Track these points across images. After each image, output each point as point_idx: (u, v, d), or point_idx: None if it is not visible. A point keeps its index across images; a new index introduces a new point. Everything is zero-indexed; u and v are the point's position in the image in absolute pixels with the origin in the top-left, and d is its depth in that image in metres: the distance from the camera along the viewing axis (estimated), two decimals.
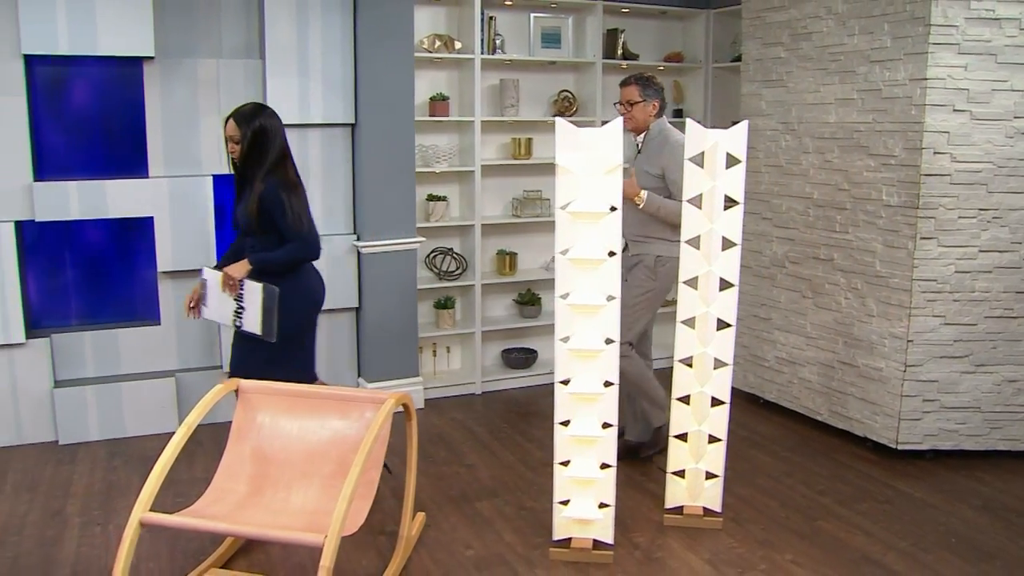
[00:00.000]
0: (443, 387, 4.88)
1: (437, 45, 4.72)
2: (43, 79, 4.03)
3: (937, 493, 3.60)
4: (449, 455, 4.02)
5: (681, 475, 3.32)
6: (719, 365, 3.20)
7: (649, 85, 3.68)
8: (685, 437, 3.29)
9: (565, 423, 2.98)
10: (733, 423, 3.34)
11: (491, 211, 5.13)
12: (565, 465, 3.01)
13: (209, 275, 3.37)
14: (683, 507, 3.33)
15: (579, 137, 2.79)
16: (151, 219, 4.18)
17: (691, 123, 3.10)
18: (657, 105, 3.69)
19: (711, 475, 3.30)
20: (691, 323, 3.20)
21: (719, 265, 3.13)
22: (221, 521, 2.56)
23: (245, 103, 3.35)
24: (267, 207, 3.20)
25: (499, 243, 5.17)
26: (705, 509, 3.32)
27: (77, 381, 4.17)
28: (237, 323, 3.28)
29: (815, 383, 4.31)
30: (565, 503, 3.04)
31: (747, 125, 3.08)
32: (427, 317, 4.99)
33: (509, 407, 4.74)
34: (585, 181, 2.81)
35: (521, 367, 5.12)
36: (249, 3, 4.32)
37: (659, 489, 3.48)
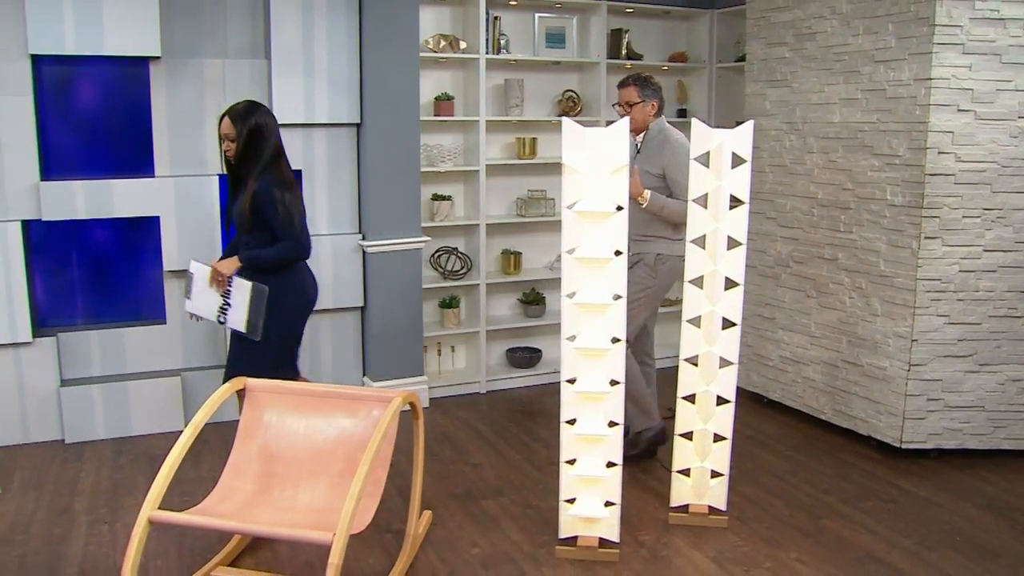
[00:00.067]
0: (448, 386, 4.89)
1: (442, 45, 4.73)
2: (50, 79, 4.05)
3: (941, 492, 3.61)
4: (454, 454, 4.03)
5: (686, 473, 3.33)
6: (724, 364, 3.21)
7: (647, 85, 3.68)
8: (690, 436, 3.30)
9: (571, 422, 2.99)
10: (737, 422, 3.35)
11: (495, 211, 5.14)
12: (571, 464, 3.02)
13: (196, 268, 3.34)
14: (688, 505, 3.34)
15: (585, 137, 2.80)
16: (157, 218, 4.19)
17: (697, 123, 3.10)
18: (656, 105, 3.69)
19: (716, 474, 3.31)
20: (696, 322, 3.21)
21: (724, 264, 3.14)
22: (230, 519, 2.58)
23: (238, 101, 3.33)
24: (260, 204, 3.19)
25: (503, 242, 5.18)
26: (710, 507, 3.33)
27: (83, 380, 4.19)
28: (221, 319, 3.28)
29: (819, 382, 4.31)
30: (571, 501, 3.05)
31: (753, 125, 3.09)
32: (432, 316, 5.00)
33: (513, 406, 4.75)
34: (591, 181, 2.82)
35: (525, 366, 5.13)
36: (255, 3, 4.33)
37: (664, 488, 3.50)
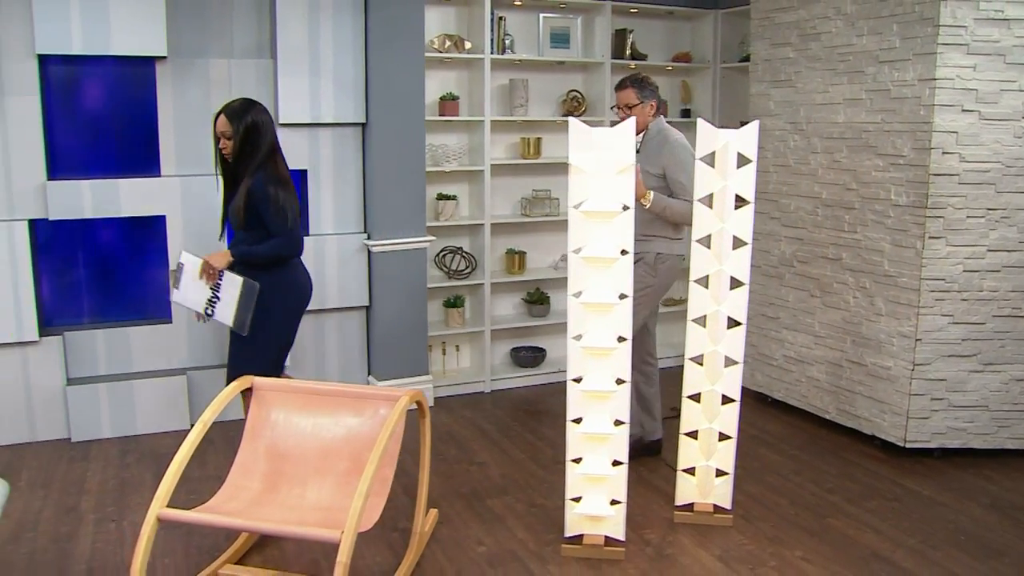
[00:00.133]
0: (452, 385, 4.90)
1: (447, 45, 4.74)
2: (56, 79, 4.06)
3: (945, 491, 3.62)
4: (459, 453, 4.04)
5: (691, 472, 3.34)
6: (730, 363, 3.22)
7: (645, 86, 3.66)
8: (696, 435, 3.31)
9: (577, 420, 3.00)
10: (742, 422, 3.35)
11: (500, 210, 5.15)
12: (577, 462, 3.03)
13: (187, 260, 3.33)
14: (693, 504, 3.35)
15: (592, 137, 2.81)
16: (163, 218, 4.21)
17: (702, 123, 3.11)
18: (655, 105, 3.69)
19: (721, 472, 3.32)
20: (702, 321, 3.22)
21: (730, 264, 3.15)
22: (238, 517, 2.59)
23: (234, 99, 3.33)
24: (255, 201, 3.20)
25: (508, 242, 5.19)
26: (715, 506, 3.34)
27: (89, 379, 4.20)
28: (208, 311, 3.28)
29: (823, 382, 4.32)
30: (577, 500, 3.06)
31: (758, 125, 3.10)
32: (437, 316, 5.01)
33: (518, 405, 4.76)
34: (597, 180, 2.83)
35: (530, 366, 5.14)
36: (261, 4, 4.34)
37: (669, 486, 3.51)
